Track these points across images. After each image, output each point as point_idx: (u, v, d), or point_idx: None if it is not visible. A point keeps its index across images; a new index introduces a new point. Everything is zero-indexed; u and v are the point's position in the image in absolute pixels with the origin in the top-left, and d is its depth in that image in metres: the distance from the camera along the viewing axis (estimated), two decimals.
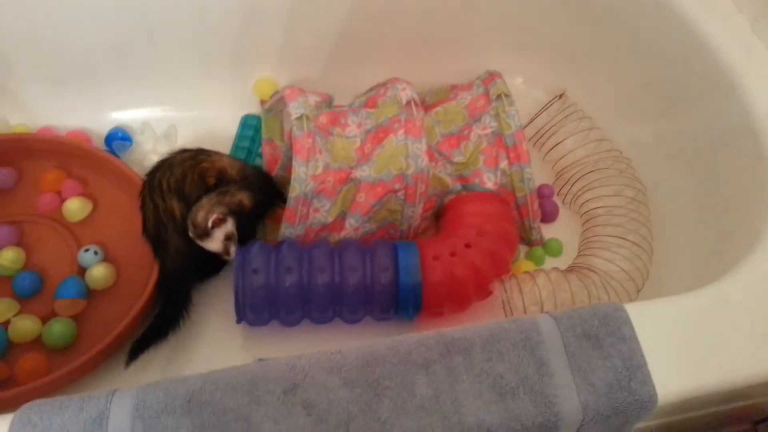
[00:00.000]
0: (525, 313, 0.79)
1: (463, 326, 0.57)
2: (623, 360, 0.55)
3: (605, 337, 0.56)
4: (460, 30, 1.03)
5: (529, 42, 1.04)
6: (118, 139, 0.96)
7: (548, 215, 0.96)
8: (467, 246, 0.79)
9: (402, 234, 0.88)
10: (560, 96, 0.99)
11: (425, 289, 0.78)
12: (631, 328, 0.57)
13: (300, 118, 0.82)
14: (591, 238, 0.89)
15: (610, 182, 0.93)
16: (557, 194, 0.98)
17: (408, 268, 0.78)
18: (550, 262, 0.92)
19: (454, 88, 0.97)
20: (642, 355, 0.55)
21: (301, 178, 0.81)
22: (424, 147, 0.84)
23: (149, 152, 0.96)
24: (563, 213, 0.97)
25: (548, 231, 0.94)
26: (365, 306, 0.79)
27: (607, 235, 0.86)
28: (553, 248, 0.93)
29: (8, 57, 0.93)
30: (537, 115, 1.00)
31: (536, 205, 0.90)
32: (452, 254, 0.79)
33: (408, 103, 0.85)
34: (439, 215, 0.90)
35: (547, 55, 1.05)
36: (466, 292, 0.79)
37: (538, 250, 0.92)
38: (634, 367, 0.55)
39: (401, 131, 0.84)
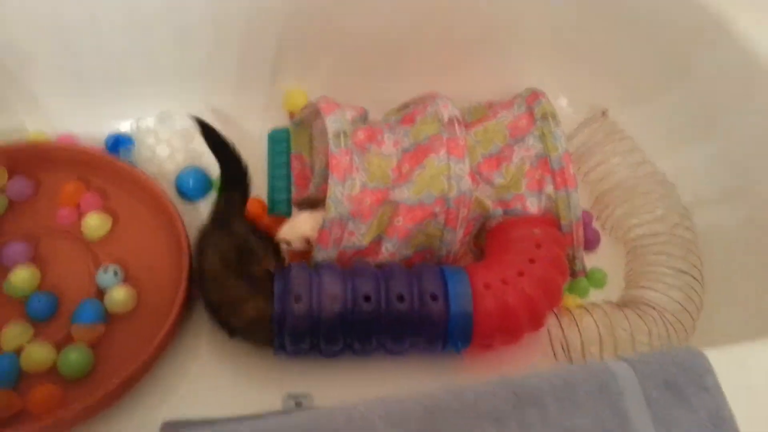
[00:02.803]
0: (583, 352, 0.74)
1: (530, 373, 0.52)
2: (708, 413, 0.50)
3: (687, 386, 0.51)
4: (498, 43, 0.99)
5: (570, 58, 1.00)
6: (119, 145, 0.91)
7: (590, 243, 0.91)
8: (520, 274, 0.75)
9: (439, 260, 0.84)
10: (602, 113, 0.95)
11: (476, 320, 0.73)
12: (714, 376, 0.52)
13: (337, 134, 0.77)
14: (639, 268, 0.85)
15: (655, 206, 0.89)
16: (596, 219, 0.94)
17: (458, 296, 0.73)
18: (593, 295, 0.88)
19: (491, 106, 0.92)
20: (728, 408, 0.50)
21: (337, 199, 0.76)
22: (467, 168, 0.79)
23: (158, 145, 0.91)
24: (603, 240, 0.93)
25: (589, 260, 0.89)
26: (411, 337, 0.74)
27: (657, 265, 0.82)
28: (596, 279, 0.88)
29: (32, 55, 0.87)
30: (577, 133, 0.96)
31: (581, 233, 0.85)
32: (504, 282, 0.74)
33: (450, 120, 0.81)
34: (481, 240, 0.86)
35: (588, 72, 1.00)
36: (519, 323, 0.74)
37: (582, 282, 0.87)
38: (721, 420, 0.50)
39: (443, 151, 0.79)
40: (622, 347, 0.76)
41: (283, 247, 0.82)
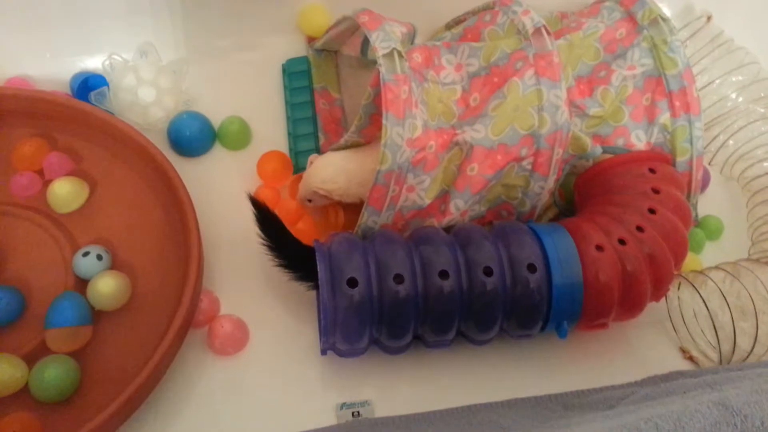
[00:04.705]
0: (713, 323, 0.57)
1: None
2: None
3: None
4: None
5: None
6: (89, 87, 0.69)
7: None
8: (639, 229, 0.56)
9: (519, 218, 0.65)
10: (707, 18, 0.75)
11: (588, 293, 0.55)
12: None
13: (390, 54, 0.57)
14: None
15: None
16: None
17: (563, 263, 0.55)
18: (708, 249, 0.70)
19: (567, 16, 0.72)
20: None
21: (396, 144, 0.56)
22: (564, 94, 0.59)
23: (140, 87, 0.69)
24: (713, 179, 0.74)
25: (699, 205, 0.72)
26: (501, 321, 0.56)
27: None
28: (712, 228, 0.70)
29: None
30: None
31: (701, 174, 0.66)
32: (622, 242, 0.56)
33: (537, 30, 0.60)
34: (567, 189, 0.67)
35: None
36: (643, 293, 0.57)
37: (698, 234, 0.69)
38: None
39: (530, 72, 0.59)
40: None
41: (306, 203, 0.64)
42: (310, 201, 0.64)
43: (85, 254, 0.59)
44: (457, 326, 0.56)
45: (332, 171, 0.62)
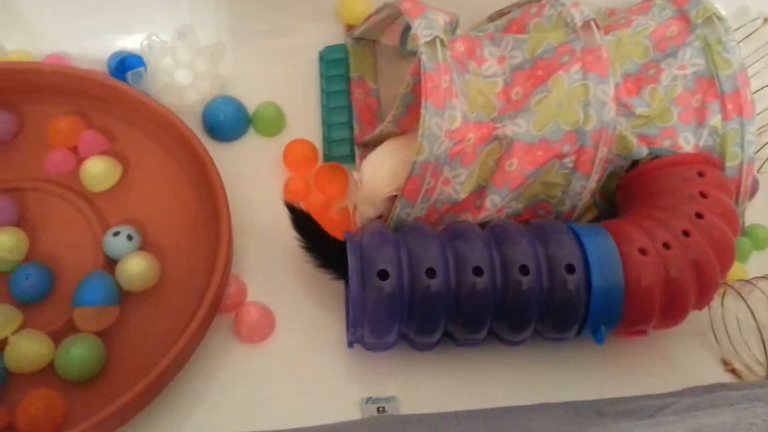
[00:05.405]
0: (761, 334, 0.55)
1: None
2: None
3: None
4: None
5: None
6: (126, 67, 0.69)
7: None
8: (685, 234, 0.54)
9: (558, 217, 0.63)
10: (764, 20, 0.72)
11: (629, 298, 0.53)
12: None
13: (432, 42, 0.55)
14: None
15: None
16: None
17: (603, 265, 0.53)
18: (754, 260, 0.67)
19: (612, 14, 0.70)
20: None
21: (434, 135, 0.54)
22: (611, 90, 0.57)
23: (177, 69, 0.68)
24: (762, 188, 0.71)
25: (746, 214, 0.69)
26: (535, 322, 0.54)
27: None
28: (759, 238, 0.67)
29: None
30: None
31: (750, 180, 0.63)
32: (666, 246, 0.54)
33: (585, 24, 0.58)
34: (608, 189, 0.65)
35: None
36: (686, 301, 0.54)
37: (744, 243, 0.66)
38: None
39: (576, 66, 0.57)
40: None
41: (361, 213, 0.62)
42: (380, 217, 0.61)
43: (116, 234, 0.59)
44: (489, 325, 0.54)
45: (388, 168, 0.59)
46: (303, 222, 0.58)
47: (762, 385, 0.45)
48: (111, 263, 0.58)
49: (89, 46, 0.70)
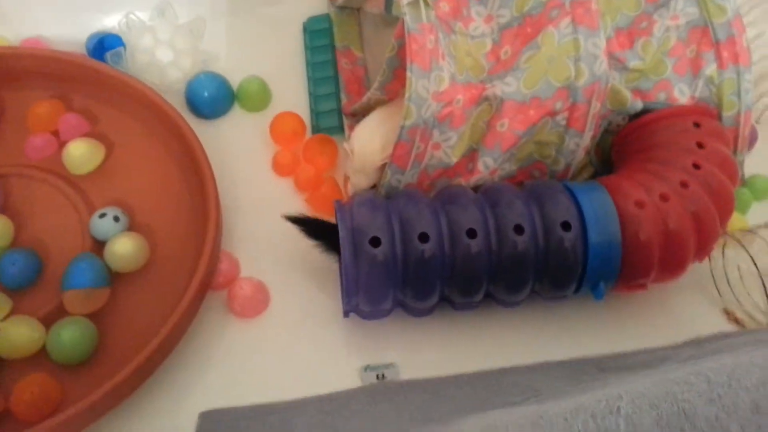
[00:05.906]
0: (763, 283, 0.54)
1: None
2: None
3: None
4: None
5: None
6: (105, 48, 0.67)
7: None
8: (683, 185, 0.53)
9: (553, 177, 0.61)
10: None
11: (627, 252, 0.52)
12: None
13: (416, 2, 0.54)
14: None
15: None
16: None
17: (600, 221, 0.52)
18: (755, 209, 0.66)
19: None
20: None
21: (421, 97, 0.53)
22: (603, 43, 0.56)
23: (157, 47, 0.67)
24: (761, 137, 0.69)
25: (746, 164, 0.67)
26: (533, 281, 0.53)
27: None
28: (759, 188, 0.66)
29: None
30: None
31: (748, 130, 0.62)
32: (663, 198, 0.52)
33: None
34: (604, 146, 0.63)
35: None
36: (685, 253, 0.53)
37: (744, 194, 0.65)
38: None
39: (566, 20, 0.56)
40: None
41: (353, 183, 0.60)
42: (373, 187, 0.59)
43: (102, 216, 0.58)
44: (485, 287, 0.53)
45: (379, 137, 0.57)
46: (304, 224, 0.57)
47: (765, 330, 0.44)
48: (99, 245, 0.57)
49: (66, 28, 0.69)
